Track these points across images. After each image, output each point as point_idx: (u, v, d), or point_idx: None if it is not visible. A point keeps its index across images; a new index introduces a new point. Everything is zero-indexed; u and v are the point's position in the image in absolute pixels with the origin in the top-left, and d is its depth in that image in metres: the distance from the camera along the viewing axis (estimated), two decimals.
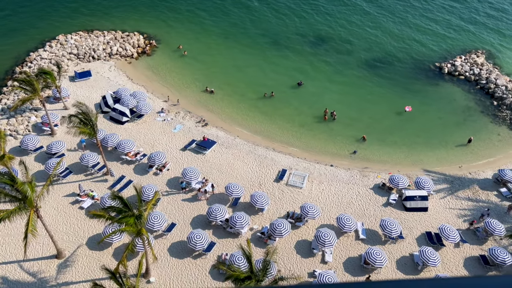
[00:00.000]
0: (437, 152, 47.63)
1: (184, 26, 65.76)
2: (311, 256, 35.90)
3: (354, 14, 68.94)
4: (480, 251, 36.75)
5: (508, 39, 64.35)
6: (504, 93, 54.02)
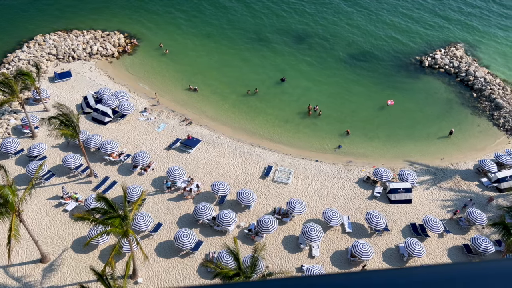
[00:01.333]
0: (419, 145, 48.35)
1: (165, 25, 65.15)
2: (298, 251, 36.11)
3: (333, 12, 69.24)
4: (463, 241, 37.52)
5: (484, 33, 65.58)
6: (483, 85, 55.09)
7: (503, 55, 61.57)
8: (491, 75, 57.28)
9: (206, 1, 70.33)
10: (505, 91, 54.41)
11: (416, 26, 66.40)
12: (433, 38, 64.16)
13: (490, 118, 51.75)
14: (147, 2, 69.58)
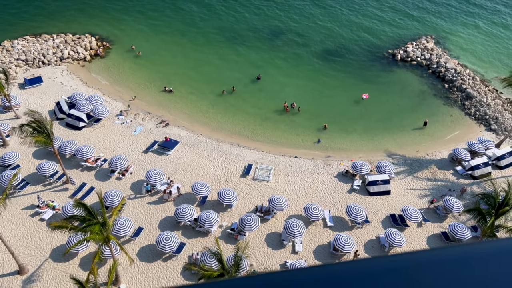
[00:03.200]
0: (395, 137, 49.27)
1: (136, 27, 64.21)
2: (281, 247, 36.29)
3: (304, 10, 69.63)
4: (441, 228, 38.48)
5: (450, 25, 67.28)
6: (454, 75, 56.52)
7: (470, 46, 63.32)
8: (461, 66, 58.82)
9: (176, 3, 69.64)
10: (475, 81, 55.97)
11: (386, 21, 67.52)
12: (403, 32, 65.40)
13: (461, 107, 53.15)
14: (116, 4, 68.39)
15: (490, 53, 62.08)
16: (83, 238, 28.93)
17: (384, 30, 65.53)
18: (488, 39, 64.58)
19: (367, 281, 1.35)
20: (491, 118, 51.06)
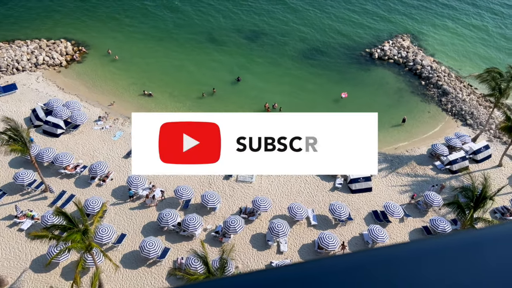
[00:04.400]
0: None
1: (111, 32, 63.34)
2: (266, 248, 36.33)
3: (280, 12, 69.88)
4: (422, 223, 39.18)
5: (425, 23, 68.71)
6: (430, 72, 57.70)
7: (444, 44, 64.80)
8: (436, 63, 60.09)
9: (152, 8, 68.85)
10: (450, 78, 57.26)
11: (361, 21, 68.45)
12: (379, 31, 66.42)
13: (438, 104, 54.28)
14: (91, 10, 67.31)
15: (462, 51, 63.63)
16: (64, 247, 28.33)
17: (360, 30, 66.42)
18: (460, 37, 66.17)
19: (358, 274, 1.36)
20: (466, 113, 52.29)
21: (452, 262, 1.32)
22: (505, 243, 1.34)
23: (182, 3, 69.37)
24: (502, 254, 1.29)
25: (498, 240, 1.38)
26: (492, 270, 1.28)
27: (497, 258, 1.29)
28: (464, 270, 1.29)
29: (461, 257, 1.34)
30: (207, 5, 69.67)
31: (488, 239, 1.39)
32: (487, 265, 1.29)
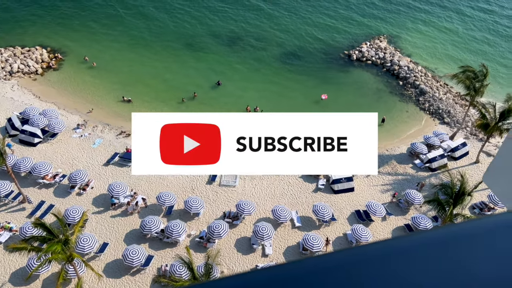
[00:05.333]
0: None
1: (89, 37, 62.40)
2: (251, 251, 36.24)
3: (258, 16, 70.05)
4: (404, 221, 39.76)
5: (400, 25, 70.01)
6: (407, 73, 58.78)
7: (419, 45, 66.13)
8: (413, 63, 61.25)
9: (128, 13, 68.16)
10: (427, 77, 58.45)
11: (339, 24, 69.26)
12: (357, 33, 67.35)
13: (416, 103, 55.31)
14: (66, 18, 66.10)
15: (436, 51, 65.03)
16: (44, 259, 27.65)
17: (337, 33, 67.19)
18: (433, 39, 67.59)
19: (342, 273, 1.35)
20: (444, 112, 53.42)
21: (430, 257, 1.33)
22: (481, 237, 1.36)
23: (158, 10, 68.76)
24: (478, 249, 1.31)
25: (475, 235, 1.39)
26: (469, 265, 1.29)
27: (473, 252, 1.31)
28: (442, 265, 1.30)
29: (440, 252, 1.35)
30: (183, 11, 69.26)
31: (464, 234, 1.40)
32: (463, 259, 1.30)
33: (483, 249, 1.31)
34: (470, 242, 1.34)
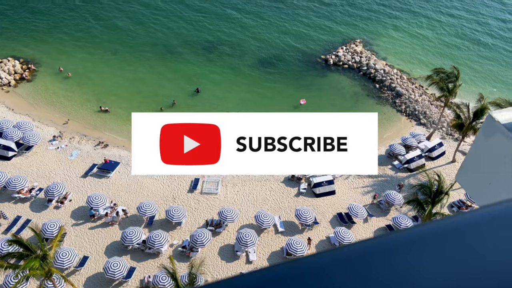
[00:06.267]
0: None
1: (63, 48, 61.27)
2: (235, 259, 36.01)
3: (233, 22, 70.13)
4: (386, 222, 40.27)
5: (374, 29, 71.39)
6: (383, 76, 59.85)
7: (394, 48, 67.51)
8: (388, 66, 62.42)
9: (102, 23, 67.24)
10: (403, 80, 59.63)
11: (315, 29, 70.10)
12: (332, 39, 68.26)
13: (393, 105, 56.31)
14: (38, 29, 64.78)
15: (411, 54, 66.48)
16: (22, 276, 26.80)
17: (314, 38, 67.94)
18: (408, 41, 69.13)
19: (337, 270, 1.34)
20: (420, 113, 54.54)
21: (409, 255, 1.33)
22: (459, 234, 1.36)
23: (132, 21, 68.04)
24: (453, 247, 1.31)
25: (451, 231, 1.40)
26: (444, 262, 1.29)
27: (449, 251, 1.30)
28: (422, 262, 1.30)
29: (418, 250, 1.35)
30: (158, 21, 68.69)
31: (439, 232, 1.41)
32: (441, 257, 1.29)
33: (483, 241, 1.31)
34: (444, 239, 1.35)
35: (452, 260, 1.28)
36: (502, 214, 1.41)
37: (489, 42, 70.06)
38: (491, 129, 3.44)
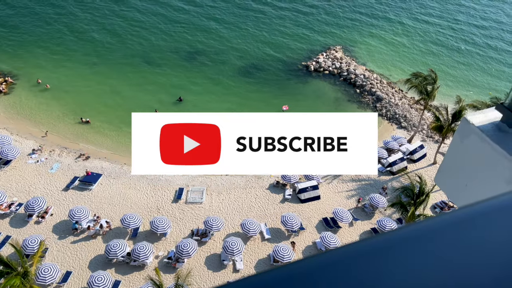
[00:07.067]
0: None
1: (41, 60, 60.25)
2: (222, 268, 35.71)
3: (214, 32, 70.31)
4: (370, 225, 40.58)
5: (353, 36, 72.50)
6: (363, 81, 60.68)
7: (373, 53, 68.63)
8: (368, 71, 63.35)
9: (79, 36, 66.46)
10: (382, 84, 60.57)
11: (295, 36, 70.72)
12: (312, 45, 68.98)
13: (374, 109, 57.07)
14: (14, 40, 63.60)
15: (390, 59, 67.68)
16: None
17: (293, 46, 68.53)
18: (385, 48, 70.32)
19: None
20: (400, 116, 55.41)
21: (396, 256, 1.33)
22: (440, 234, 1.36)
23: (110, 32, 67.49)
24: (438, 247, 1.31)
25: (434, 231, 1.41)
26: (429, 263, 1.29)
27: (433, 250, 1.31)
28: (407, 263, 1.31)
29: (404, 251, 1.36)
30: (139, 28, 68.44)
31: (422, 233, 1.41)
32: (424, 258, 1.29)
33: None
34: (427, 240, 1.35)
35: (434, 260, 1.28)
36: (477, 215, 1.42)
37: (463, 47, 71.89)
38: (466, 131, 3.51)
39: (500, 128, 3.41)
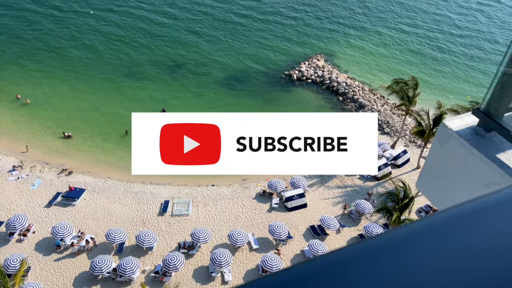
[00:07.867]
0: None
1: (19, 76, 59.01)
2: (211, 280, 35.30)
3: (195, 43, 70.33)
4: (357, 231, 40.75)
5: (332, 45, 73.54)
6: (346, 88, 61.40)
7: (354, 61, 69.65)
8: (350, 79, 64.17)
9: (57, 48, 65.64)
10: (364, 91, 61.39)
11: (274, 49, 71.13)
12: (294, 54, 69.64)
13: None
14: None
15: (369, 68, 68.69)
16: None
17: (275, 56, 69.08)
18: (365, 56, 71.42)
19: None
20: (383, 122, 56.14)
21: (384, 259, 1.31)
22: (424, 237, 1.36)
23: (90, 43, 67.01)
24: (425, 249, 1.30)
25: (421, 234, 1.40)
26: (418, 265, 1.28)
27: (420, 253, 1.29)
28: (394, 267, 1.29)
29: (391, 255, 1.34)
30: (118, 42, 67.91)
31: (409, 235, 1.40)
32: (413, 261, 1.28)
33: None
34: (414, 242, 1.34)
35: (414, 263, 1.27)
36: (454, 218, 1.43)
37: (440, 55, 73.52)
38: (444, 136, 3.58)
39: (477, 132, 3.49)
